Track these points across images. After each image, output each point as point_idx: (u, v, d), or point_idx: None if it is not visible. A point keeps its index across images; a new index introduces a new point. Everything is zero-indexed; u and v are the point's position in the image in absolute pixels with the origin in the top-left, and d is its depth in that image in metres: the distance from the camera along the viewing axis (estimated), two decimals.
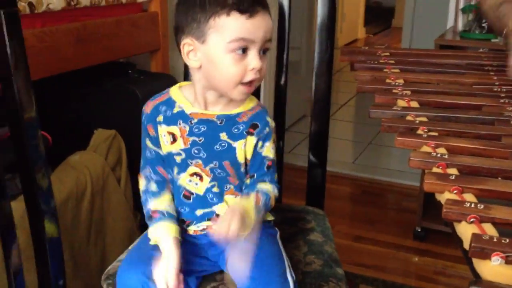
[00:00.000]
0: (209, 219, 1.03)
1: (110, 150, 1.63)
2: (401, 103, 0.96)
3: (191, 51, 0.94)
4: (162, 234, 0.96)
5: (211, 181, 1.01)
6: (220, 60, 0.91)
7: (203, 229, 1.03)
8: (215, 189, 1.01)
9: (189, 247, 1.03)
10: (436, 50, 1.41)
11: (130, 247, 1.16)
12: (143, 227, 1.69)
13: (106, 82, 1.79)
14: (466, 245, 0.58)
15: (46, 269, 1.03)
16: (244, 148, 0.99)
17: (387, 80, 1.07)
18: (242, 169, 1.01)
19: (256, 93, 1.40)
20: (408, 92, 1.00)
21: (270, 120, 1.01)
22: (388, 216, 2.46)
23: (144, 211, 1.02)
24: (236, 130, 0.99)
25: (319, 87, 1.33)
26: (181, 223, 1.04)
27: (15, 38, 0.92)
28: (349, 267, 1.97)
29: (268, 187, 1.02)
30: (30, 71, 1.02)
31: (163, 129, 1.00)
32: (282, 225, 1.17)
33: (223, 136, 0.99)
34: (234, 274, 0.97)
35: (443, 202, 0.65)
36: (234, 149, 0.99)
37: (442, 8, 2.66)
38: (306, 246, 1.18)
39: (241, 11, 0.88)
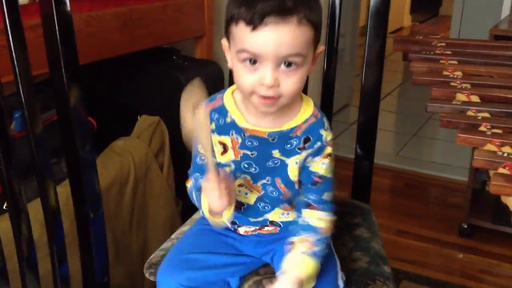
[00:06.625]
0: (261, 227, 1.00)
1: (154, 137, 1.63)
2: (461, 97, 0.92)
3: (227, 51, 0.89)
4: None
5: (263, 196, 0.96)
6: (236, 67, 0.86)
7: (255, 230, 1.01)
8: (266, 201, 0.97)
9: (236, 246, 1.02)
10: (494, 41, 1.34)
11: (172, 236, 1.16)
12: (185, 214, 1.70)
13: (151, 68, 1.79)
14: None
15: (89, 253, 1.04)
16: (297, 165, 0.92)
17: (444, 72, 1.02)
18: (296, 186, 0.94)
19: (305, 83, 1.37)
20: (468, 86, 0.95)
21: (325, 132, 0.92)
22: (432, 210, 2.39)
23: (194, 196, 0.96)
24: (289, 146, 0.92)
25: (368, 77, 1.28)
26: (233, 224, 1.01)
27: (64, 22, 0.92)
28: (391, 261, 1.91)
29: (310, 218, 0.94)
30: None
31: (214, 138, 0.94)
32: None
33: (276, 153, 0.92)
34: None
35: (510, 206, 0.61)
36: (287, 166, 0.92)
37: None
38: (352, 242, 1.15)
39: (246, 22, 0.80)
